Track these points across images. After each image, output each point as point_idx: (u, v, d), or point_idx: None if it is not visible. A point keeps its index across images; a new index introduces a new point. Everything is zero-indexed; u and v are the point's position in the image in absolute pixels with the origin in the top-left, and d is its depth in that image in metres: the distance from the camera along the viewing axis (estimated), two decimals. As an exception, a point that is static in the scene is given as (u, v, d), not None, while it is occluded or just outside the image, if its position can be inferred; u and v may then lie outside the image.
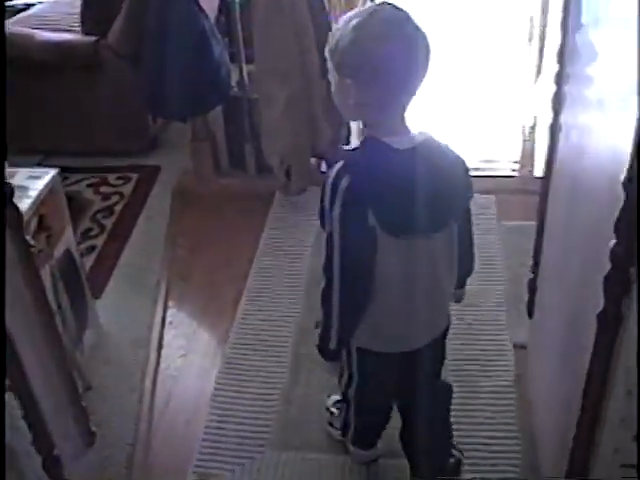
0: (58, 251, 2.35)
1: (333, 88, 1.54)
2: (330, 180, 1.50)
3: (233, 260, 3.01)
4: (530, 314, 2.30)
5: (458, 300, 1.91)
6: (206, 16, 3.06)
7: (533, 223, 3.21)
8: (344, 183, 1.47)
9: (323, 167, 3.39)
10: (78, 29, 3.66)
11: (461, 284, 1.85)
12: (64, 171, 2.40)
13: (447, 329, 1.81)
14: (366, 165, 1.52)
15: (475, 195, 1.71)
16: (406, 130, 1.54)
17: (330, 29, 3.08)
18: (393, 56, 1.43)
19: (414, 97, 1.51)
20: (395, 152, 1.51)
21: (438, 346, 1.82)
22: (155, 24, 2.95)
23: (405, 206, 1.51)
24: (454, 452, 2.04)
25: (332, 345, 1.66)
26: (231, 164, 3.46)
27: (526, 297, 2.36)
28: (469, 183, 1.66)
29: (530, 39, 6.19)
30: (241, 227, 3.19)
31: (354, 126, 3.30)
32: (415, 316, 1.68)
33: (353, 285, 1.58)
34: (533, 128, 5.09)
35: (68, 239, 2.43)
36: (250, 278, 2.90)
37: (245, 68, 3.28)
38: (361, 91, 1.47)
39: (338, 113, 1.61)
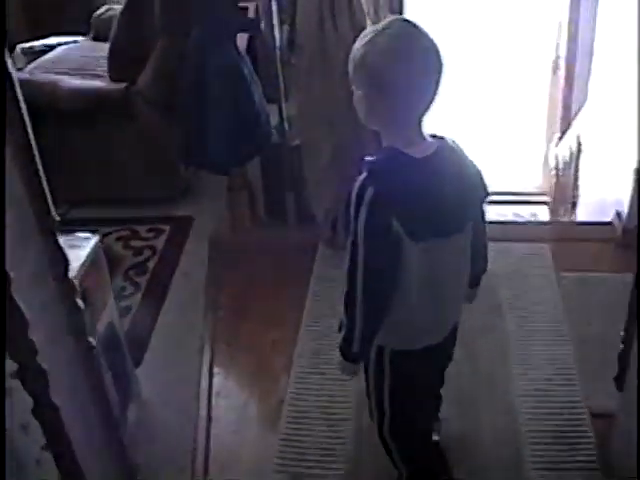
0: (101, 325, 2.17)
1: (357, 103, 1.62)
2: (355, 191, 1.56)
3: (279, 321, 2.83)
4: (620, 388, 2.11)
5: (470, 300, 1.98)
6: (245, 59, 2.92)
7: (595, 274, 3.09)
8: (369, 193, 1.54)
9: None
10: (103, 74, 3.51)
11: (474, 283, 1.92)
12: (89, 223, 2.21)
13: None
14: (389, 175, 1.58)
15: (525, 244, 1.97)
16: (422, 138, 1.61)
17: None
18: (399, 73, 1.50)
19: (428, 110, 1.58)
20: (414, 161, 1.58)
21: (453, 335, 1.90)
22: (192, 71, 2.79)
23: (427, 212, 1.59)
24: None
25: (355, 348, 1.71)
26: (269, 214, 3.29)
27: (601, 360, 2.25)
28: (483, 184, 1.73)
29: (555, 70, 6.05)
30: (285, 283, 3.00)
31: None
32: (436, 313, 1.76)
33: (376, 291, 1.63)
34: (568, 165, 4.92)
35: (111, 310, 2.26)
36: (299, 342, 2.72)
37: (285, 112, 3.13)
38: (372, 104, 1.57)
39: None
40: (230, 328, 2.82)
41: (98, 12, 4.17)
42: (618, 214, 3.15)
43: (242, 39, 3.01)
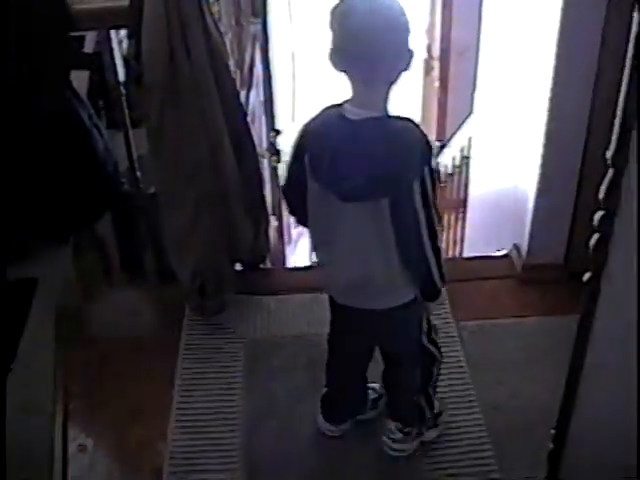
0: None
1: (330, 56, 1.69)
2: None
3: (145, 408, 2.39)
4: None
5: (427, 310, 2.06)
6: (84, 102, 2.44)
7: (498, 321, 2.81)
8: (298, 132, 1.82)
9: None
10: None
11: (423, 294, 1.92)
12: None
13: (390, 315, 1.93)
14: (315, 123, 1.78)
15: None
16: (369, 105, 1.68)
17: (243, 113, 2.55)
18: (353, 28, 1.61)
19: (389, 79, 1.68)
20: (343, 120, 1.70)
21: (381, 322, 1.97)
22: (11, 119, 2.29)
23: (335, 168, 1.69)
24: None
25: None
26: (126, 274, 2.83)
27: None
28: (415, 165, 1.69)
29: (428, 70, 5.83)
30: (148, 360, 2.55)
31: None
32: (335, 271, 1.90)
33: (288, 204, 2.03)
34: (451, 177, 4.69)
35: None
36: (170, 440, 2.29)
37: (136, 156, 2.67)
38: (333, 53, 1.66)
39: (258, 206, 2.13)
40: (84, 425, 2.36)
41: None
42: (517, 247, 2.88)
43: (82, 76, 2.53)
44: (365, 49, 1.62)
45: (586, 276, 1.47)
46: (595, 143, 2.52)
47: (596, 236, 1.40)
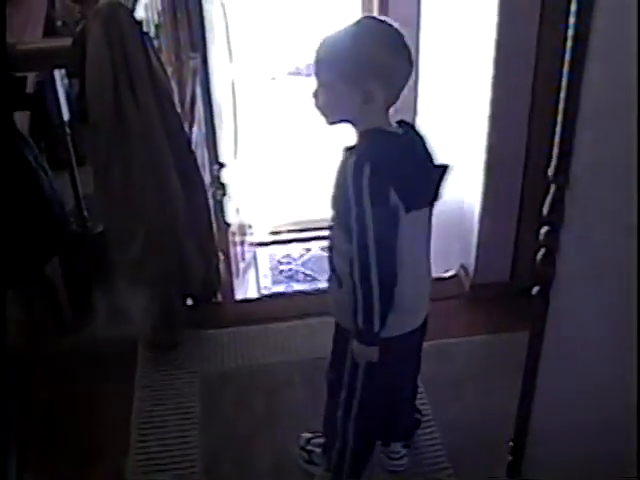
0: None
1: (327, 98, 1.69)
2: (351, 175, 1.64)
3: (103, 449, 2.36)
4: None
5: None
6: (28, 142, 2.42)
7: (451, 340, 2.84)
8: (366, 170, 1.61)
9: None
10: None
11: None
12: None
13: None
14: (381, 151, 1.68)
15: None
16: (391, 122, 1.73)
17: (189, 149, 2.56)
18: (388, 56, 1.65)
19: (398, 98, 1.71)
20: (399, 137, 1.72)
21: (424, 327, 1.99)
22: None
23: (414, 183, 1.71)
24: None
25: (376, 327, 1.72)
26: (76, 313, 2.79)
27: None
28: (441, 163, 1.81)
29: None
30: (104, 398, 2.51)
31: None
32: (419, 288, 1.87)
33: (389, 265, 1.68)
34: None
35: None
36: (129, 474, 2.26)
37: (82, 195, 2.65)
38: (380, 93, 1.64)
39: (207, 240, 2.03)
40: (43, 470, 2.30)
41: None
42: (464, 267, 2.94)
43: (23, 116, 2.51)
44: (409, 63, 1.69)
45: (534, 289, 1.51)
46: (534, 162, 2.60)
47: (542, 250, 1.45)
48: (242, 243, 5.37)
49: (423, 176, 1.75)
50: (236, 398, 2.53)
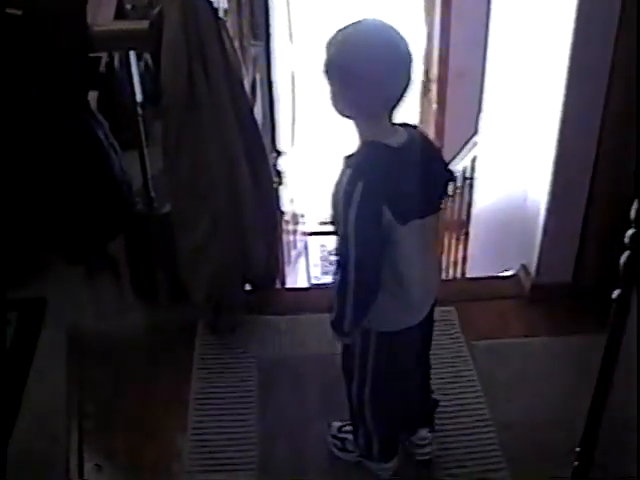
0: None
1: (333, 97, 1.71)
2: (344, 188, 1.68)
3: (160, 428, 2.39)
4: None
5: None
6: (100, 121, 2.46)
7: (508, 340, 2.83)
8: (358, 188, 1.65)
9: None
10: None
11: None
12: None
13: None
14: (373, 167, 1.70)
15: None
16: (394, 128, 1.75)
17: (259, 135, 2.56)
18: (368, 68, 1.63)
19: (401, 102, 1.69)
20: (394, 151, 1.71)
21: (430, 316, 2.03)
22: (31, 138, 2.30)
23: (410, 196, 1.72)
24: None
25: (347, 327, 1.85)
26: (138, 294, 2.82)
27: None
28: (447, 167, 1.96)
29: (426, 92, 5.91)
30: (161, 379, 2.54)
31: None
32: (419, 292, 1.89)
33: (368, 278, 1.76)
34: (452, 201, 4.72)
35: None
36: (186, 459, 2.28)
37: (150, 176, 2.67)
38: (347, 99, 1.68)
39: (272, 227, 2.01)
40: (100, 444, 2.35)
41: None
42: (524, 267, 2.90)
43: (93, 95, 2.54)
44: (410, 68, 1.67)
45: (615, 293, 1.49)
46: (604, 162, 2.56)
47: (627, 253, 1.43)
48: (295, 232, 5.40)
49: (424, 187, 1.73)
50: (292, 385, 2.53)
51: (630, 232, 1.41)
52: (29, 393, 2.51)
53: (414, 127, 1.83)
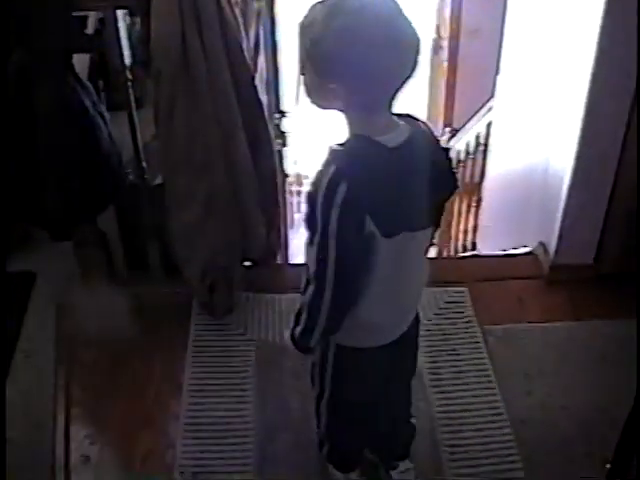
0: None
1: (309, 88, 1.46)
2: (324, 187, 1.41)
3: (153, 415, 2.26)
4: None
5: None
6: (87, 87, 2.26)
7: (525, 325, 2.65)
8: (341, 191, 1.40)
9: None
10: None
11: None
12: None
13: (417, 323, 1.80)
14: (360, 168, 1.44)
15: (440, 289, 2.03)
16: (395, 123, 1.47)
17: (259, 104, 2.37)
18: (357, 56, 1.34)
19: (401, 90, 1.42)
20: (389, 152, 1.45)
21: (412, 341, 1.83)
22: (14, 104, 2.11)
23: (399, 208, 1.48)
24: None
25: (312, 343, 1.65)
26: (130, 267, 2.66)
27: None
28: (453, 177, 1.64)
29: (437, 49, 5.66)
30: (154, 361, 2.40)
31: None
32: (395, 312, 1.69)
33: (346, 291, 1.54)
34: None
35: None
36: (179, 449, 2.15)
37: (141, 145, 2.49)
38: (330, 90, 1.40)
39: (272, 202, 1.77)
40: (89, 431, 2.21)
41: None
42: (543, 245, 2.72)
43: (83, 59, 2.35)
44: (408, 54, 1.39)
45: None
46: (633, 139, 2.37)
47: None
48: (299, 193, 5.22)
49: (420, 197, 1.49)
50: (292, 369, 2.38)
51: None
52: (14, 375, 2.38)
53: (421, 122, 1.53)
